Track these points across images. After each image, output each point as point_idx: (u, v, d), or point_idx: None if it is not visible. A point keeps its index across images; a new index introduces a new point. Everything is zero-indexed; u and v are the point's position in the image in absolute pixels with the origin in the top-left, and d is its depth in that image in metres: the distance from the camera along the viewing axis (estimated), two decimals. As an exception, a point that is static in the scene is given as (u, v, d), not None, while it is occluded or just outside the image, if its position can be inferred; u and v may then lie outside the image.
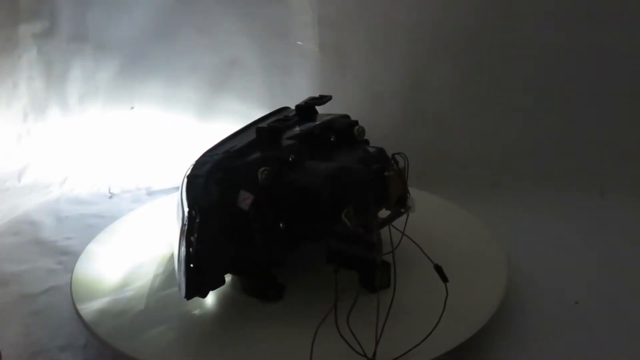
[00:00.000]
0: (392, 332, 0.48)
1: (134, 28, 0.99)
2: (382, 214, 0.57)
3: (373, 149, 0.60)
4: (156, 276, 0.64)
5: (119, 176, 0.99)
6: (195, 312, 0.57)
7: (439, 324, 0.48)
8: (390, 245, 0.53)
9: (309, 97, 0.66)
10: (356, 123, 0.63)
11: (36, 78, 1.00)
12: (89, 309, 0.57)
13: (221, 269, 0.56)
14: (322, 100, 0.65)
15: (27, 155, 1.00)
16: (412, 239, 0.53)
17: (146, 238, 0.71)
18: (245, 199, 0.54)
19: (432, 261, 0.48)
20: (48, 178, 0.98)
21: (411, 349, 0.48)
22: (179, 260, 0.54)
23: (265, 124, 0.61)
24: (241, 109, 1.00)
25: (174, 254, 0.60)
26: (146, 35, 0.99)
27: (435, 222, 0.71)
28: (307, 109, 0.65)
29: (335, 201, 0.51)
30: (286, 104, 0.71)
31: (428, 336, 0.48)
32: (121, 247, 0.70)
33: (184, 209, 0.55)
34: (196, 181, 0.55)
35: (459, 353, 0.51)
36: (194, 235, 0.52)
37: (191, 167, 0.58)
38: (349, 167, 0.56)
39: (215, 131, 0.63)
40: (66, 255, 0.75)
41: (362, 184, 0.54)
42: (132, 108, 1.03)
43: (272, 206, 0.55)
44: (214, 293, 0.59)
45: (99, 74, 1.02)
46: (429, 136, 0.95)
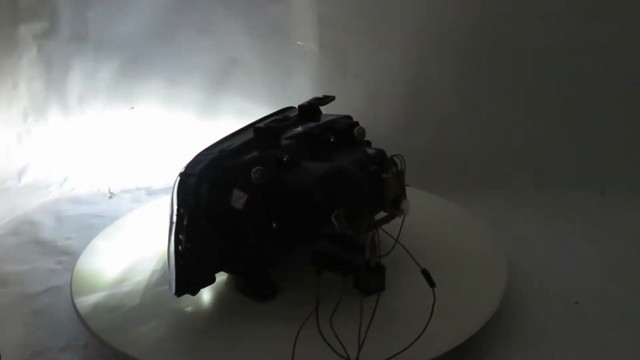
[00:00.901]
0: (384, 335, 0.48)
1: (134, 28, 0.99)
2: (379, 215, 0.57)
3: (373, 151, 0.60)
4: (154, 272, 0.64)
5: (119, 176, 0.99)
6: (188, 309, 0.58)
7: (426, 329, 0.47)
8: (387, 247, 0.53)
9: (312, 97, 0.66)
10: (357, 124, 0.63)
11: (36, 78, 1.00)
12: (85, 302, 0.58)
13: (210, 268, 0.56)
14: (325, 100, 0.65)
15: (27, 155, 1.00)
16: (401, 244, 0.53)
17: (148, 235, 0.72)
18: (239, 198, 0.54)
19: (419, 266, 0.47)
20: (48, 178, 0.98)
21: (399, 352, 0.47)
22: (169, 257, 0.55)
23: (262, 123, 0.61)
24: (241, 109, 1.01)
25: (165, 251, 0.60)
26: (146, 35, 0.99)
27: (435, 222, 0.71)
28: (310, 109, 0.65)
29: (326, 202, 0.51)
30: (286, 104, 0.71)
31: (415, 341, 0.46)
32: (123, 243, 0.71)
33: (173, 206, 0.55)
34: (188, 179, 0.55)
35: (459, 353, 0.51)
36: (183, 233, 0.53)
37: (185, 165, 0.58)
38: (341, 169, 0.55)
39: (215, 131, 0.63)
40: (66, 255, 0.75)
41: (354, 185, 0.54)
42: (132, 108, 1.03)
43: (265, 206, 0.54)
44: (208, 291, 0.59)
45: (99, 74, 1.02)
46: (429, 136, 0.95)
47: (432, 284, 0.47)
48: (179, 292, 0.54)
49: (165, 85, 1.02)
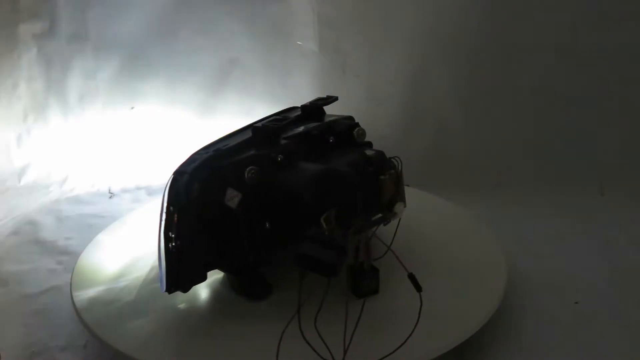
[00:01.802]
0: (373, 337, 0.48)
1: (134, 28, 0.99)
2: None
3: (372, 152, 0.60)
4: (152, 269, 0.64)
5: (119, 176, 0.99)
6: (181, 306, 0.58)
7: (414, 332, 0.46)
8: (382, 249, 0.53)
9: (316, 98, 0.66)
10: (357, 125, 0.63)
11: (36, 78, 1.00)
12: (82, 296, 0.59)
13: (201, 266, 0.56)
14: (328, 100, 0.65)
15: (27, 155, 1.00)
16: (391, 249, 0.52)
17: (149, 233, 0.71)
18: (233, 197, 0.54)
19: (406, 270, 0.47)
20: (48, 178, 0.98)
21: (386, 355, 0.46)
22: (159, 254, 0.55)
23: (260, 123, 0.61)
24: (241, 109, 1.01)
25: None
26: (146, 35, 0.99)
27: (435, 222, 0.71)
28: (312, 109, 0.65)
29: (315, 203, 0.51)
30: (286, 104, 0.71)
31: (402, 345, 0.46)
32: (125, 240, 0.71)
33: (163, 203, 0.55)
34: (181, 177, 0.55)
35: (459, 353, 0.51)
36: (173, 231, 0.53)
37: (180, 164, 0.58)
38: (332, 170, 0.55)
39: (215, 131, 0.63)
40: (66, 255, 0.75)
41: (345, 187, 0.54)
42: (132, 108, 1.03)
43: (258, 205, 0.54)
44: (204, 289, 0.59)
45: (99, 74, 1.02)
46: (429, 136, 0.95)
47: (418, 288, 0.47)
48: (169, 289, 0.54)
49: (165, 85, 1.02)
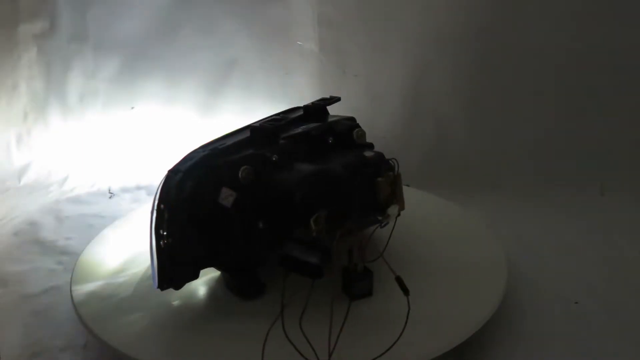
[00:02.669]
0: (363, 339, 0.48)
1: (134, 28, 0.99)
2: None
3: (371, 153, 0.60)
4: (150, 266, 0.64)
5: (119, 176, 0.99)
6: (175, 303, 0.58)
7: (402, 335, 0.46)
8: (377, 252, 0.53)
9: (320, 98, 0.66)
10: (357, 126, 0.63)
11: (36, 78, 1.01)
12: (81, 290, 0.60)
13: (192, 263, 0.56)
14: (330, 101, 0.65)
15: (27, 155, 1.00)
16: (382, 254, 0.52)
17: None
18: (228, 196, 0.54)
19: (393, 272, 0.47)
20: (48, 178, 0.98)
21: (377, 356, 0.46)
22: (152, 252, 0.55)
23: (258, 123, 0.61)
24: (241, 108, 1.01)
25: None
26: (146, 35, 0.99)
27: (435, 222, 0.71)
28: (314, 109, 0.65)
29: (305, 204, 0.51)
30: (286, 104, 0.71)
31: (391, 347, 0.46)
32: (127, 236, 0.71)
33: (154, 201, 0.55)
34: (174, 175, 0.55)
35: (459, 353, 0.51)
36: (164, 229, 0.53)
37: (176, 163, 0.58)
38: (325, 171, 0.55)
39: (215, 131, 0.63)
40: (66, 255, 0.75)
41: (338, 188, 0.54)
42: (133, 108, 1.03)
43: (251, 205, 0.55)
44: (200, 287, 0.60)
45: (99, 74, 1.02)
46: (429, 136, 0.95)
47: (405, 291, 0.46)
48: (162, 285, 0.54)
49: (166, 85, 1.02)
